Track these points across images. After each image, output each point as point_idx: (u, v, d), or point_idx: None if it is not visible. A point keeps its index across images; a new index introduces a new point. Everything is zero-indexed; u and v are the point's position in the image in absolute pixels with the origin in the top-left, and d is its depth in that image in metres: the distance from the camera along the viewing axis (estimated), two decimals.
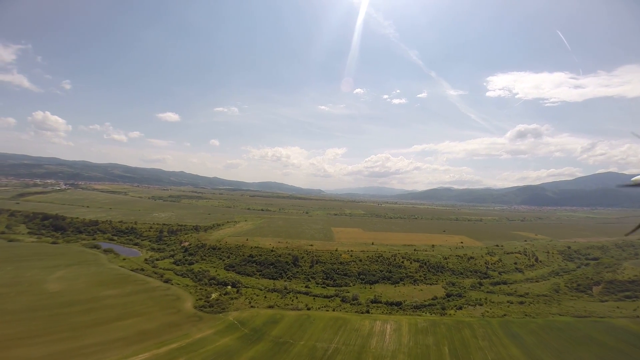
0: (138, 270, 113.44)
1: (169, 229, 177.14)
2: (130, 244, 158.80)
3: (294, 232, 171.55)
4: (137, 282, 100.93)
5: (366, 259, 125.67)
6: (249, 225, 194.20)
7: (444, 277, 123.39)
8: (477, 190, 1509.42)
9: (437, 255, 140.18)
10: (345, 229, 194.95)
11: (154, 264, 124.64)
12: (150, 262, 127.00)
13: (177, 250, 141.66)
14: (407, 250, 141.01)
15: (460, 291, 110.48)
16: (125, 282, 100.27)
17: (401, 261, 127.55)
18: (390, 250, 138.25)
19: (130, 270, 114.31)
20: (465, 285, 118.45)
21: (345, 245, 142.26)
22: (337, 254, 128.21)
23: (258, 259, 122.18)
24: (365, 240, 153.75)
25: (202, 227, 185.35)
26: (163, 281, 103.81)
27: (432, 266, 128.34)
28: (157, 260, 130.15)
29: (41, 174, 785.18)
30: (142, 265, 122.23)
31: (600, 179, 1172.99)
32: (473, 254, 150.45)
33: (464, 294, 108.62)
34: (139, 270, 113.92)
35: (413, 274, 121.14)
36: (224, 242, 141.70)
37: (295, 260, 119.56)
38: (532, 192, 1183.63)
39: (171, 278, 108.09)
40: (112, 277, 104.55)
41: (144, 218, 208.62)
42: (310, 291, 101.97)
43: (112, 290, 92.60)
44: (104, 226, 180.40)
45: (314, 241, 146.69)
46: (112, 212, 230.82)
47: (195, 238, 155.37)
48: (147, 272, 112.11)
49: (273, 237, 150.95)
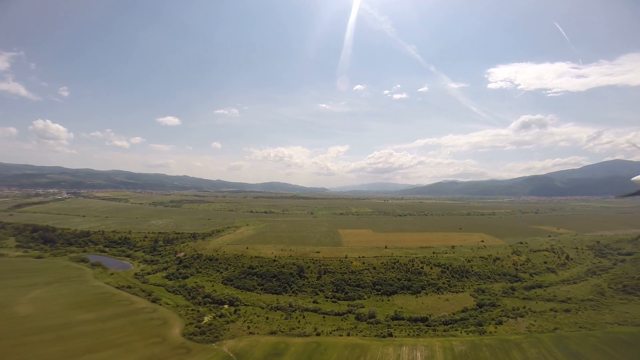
0: (124, 288, 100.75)
1: (165, 238, 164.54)
2: (122, 255, 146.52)
3: (299, 236, 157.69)
4: (120, 303, 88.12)
5: (381, 266, 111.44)
6: (250, 230, 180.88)
7: (470, 283, 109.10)
8: (482, 182, 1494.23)
9: (459, 257, 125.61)
10: (353, 230, 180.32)
11: (144, 279, 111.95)
12: (141, 277, 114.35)
13: (171, 262, 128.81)
14: (425, 253, 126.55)
15: (492, 299, 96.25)
16: (106, 304, 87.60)
17: (420, 267, 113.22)
18: (407, 254, 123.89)
19: (116, 287, 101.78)
20: (495, 291, 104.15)
21: (355, 250, 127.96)
22: (347, 261, 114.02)
23: (259, 270, 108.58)
24: (377, 244, 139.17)
25: (201, 234, 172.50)
26: (151, 301, 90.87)
27: (455, 271, 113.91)
28: (148, 275, 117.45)
29: (44, 184, 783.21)
30: (131, 281, 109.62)
31: (608, 167, 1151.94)
32: (498, 254, 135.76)
33: (497, 302, 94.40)
34: (125, 287, 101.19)
35: (435, 281, 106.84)
36: (222, 251, 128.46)
37: (301, 271, 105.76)
38: (539, 183, 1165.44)
39: (160, 296, 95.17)
40: (92, 297, 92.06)
41: (139, 226, 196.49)
42: (319, 308, 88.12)
43: (89, 314, 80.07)
44: (95, 237, 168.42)
45: (321, 247, 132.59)
46: (107, 221, 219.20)
47: (192, 247, 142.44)
48: (135, 290, 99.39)
49: (276, 244, 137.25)
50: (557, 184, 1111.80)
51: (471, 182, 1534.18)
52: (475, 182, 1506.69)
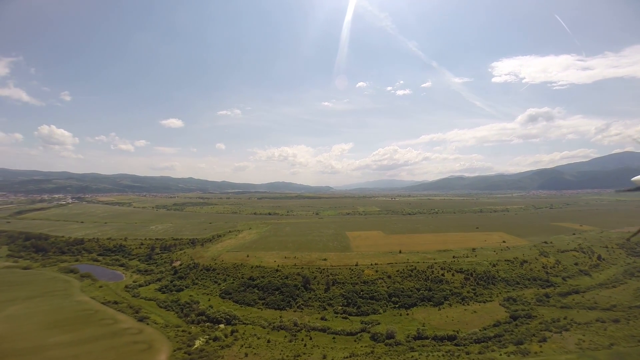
0: (110, 303, 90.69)
1: (162, 245, 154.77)
2: (116, 264, 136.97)
3: (304, 241, 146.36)
4: (102, 323, 77.96)
5: (396, 274, 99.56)
6: (252, 234, 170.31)
7: (498, 291, 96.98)
8: (489, 176, 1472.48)
9: (483, 261, 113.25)
10: (362, 232, 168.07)
11: (135, 292, 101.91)
12: (132, 290, 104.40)
13: (166, 272, 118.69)
14: (444, 257, 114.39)
15: (526, 309, 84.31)
16: (86, 323, 77.61)
17: (441, 274, 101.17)
18: (424, 259, 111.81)
19: (103, 302, 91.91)
20: (528, 299, 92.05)
21: (366, 256, 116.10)
22: (358, 269, 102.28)
23: (260, 282, 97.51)
24: (390, 248, 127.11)
25: (200, 240, 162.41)
26: (138, 319, 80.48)
27: (480, 277, 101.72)
28: (140, 287, 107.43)
29: (50, 189, 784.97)
30: (120, 295, 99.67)
31: (618, 159, 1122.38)
32: (524, 256, 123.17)
33: (532, 313, 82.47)
34: (111, 303, 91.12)
35: (459, 289, 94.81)
36: (221, 260, 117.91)
37: (307, 283, 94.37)
38: (549, 176, 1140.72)
39: (150, 313, 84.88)
40: (73, 315, 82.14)
41: (137, 232, 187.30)
42: (327, 326, 76.70)
43: (65, 335, 70.27)
44: (90, 245, 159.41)
45: (328, 253, 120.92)
46: (105, 227, 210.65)
47: (189, 255, 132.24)
48: (122, 306, 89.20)
49: (279, 251, 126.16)
50: (567, 177, 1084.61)
51: (478, 177, 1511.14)
52: (482, 177, 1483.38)
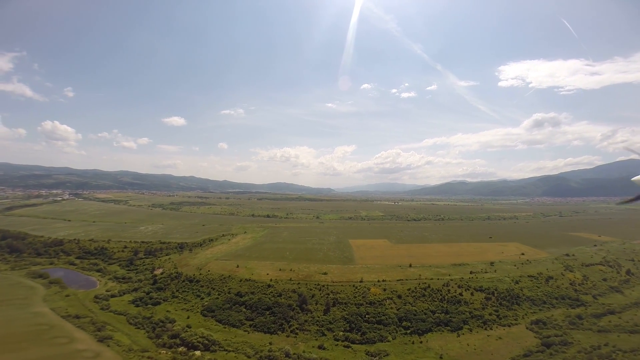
0: (71, 317, 78.05)
1: (147, 249, 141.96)
2: (93, 269, 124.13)
3: (302, 249, 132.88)
4: (55, 341, 65.18)
5: (407, 293, 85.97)
6: (247, 239, 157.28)
7: (524, 312, 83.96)
8: (493, 182, 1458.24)
9: (504, 277, 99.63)
10: (367, 241, 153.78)
11: (105, 304, 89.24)
12: (102, 300, 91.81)
13: (145, 281, 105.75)
14: (460, 273, 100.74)
15: (560, 334, 72.14)
16: (36, 340, 64.94)
17: (458, 292, 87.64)
18: (438, 275, 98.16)
19: (64, 315, 79.41)
20: (558, 321, 79.29)
21: (372, 270, 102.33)
22: (363, 287, 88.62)
23: (249, 299, 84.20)
24: (399, 260, 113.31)
25: (189, 244, 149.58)
26: (98, 339, 67.66)
27: (502, 296, 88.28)
28: (113, 297, 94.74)
29: (49, 184, 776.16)
30: (87, 307, 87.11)
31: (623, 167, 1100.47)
32: (548, 271, 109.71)
33: (567, 338, 70.41)
34: (72, 317, 78.38)
35: (479, 311, 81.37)
36: (207, 269, 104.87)
37: (303, 302, 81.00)
38: (553, 183, 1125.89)
39: (115, 332, 72.24)
40: (24, 330, 69.46)
41: (124, 233, 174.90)
42: (326, 357, 63.45)
43: (4, 356, 57.58)
44: (69, 246, 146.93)
45: (329, 265, 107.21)
46: (92, 226, 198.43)
47: (173, 263, 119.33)
48: (84, 321, 76.42)
49: (273, 261, 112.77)
50: (572, 184, 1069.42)
51: (481, 183, 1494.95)
52: (485, 183, 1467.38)
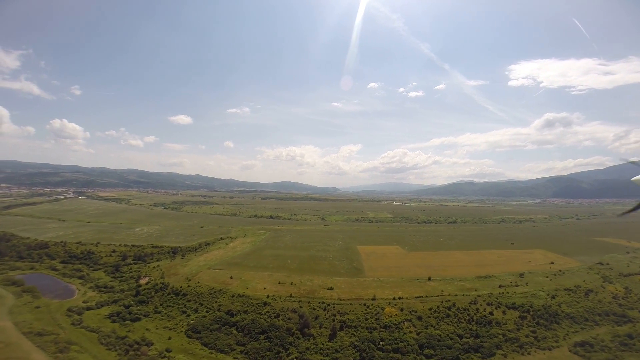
0: (33, 335, 66.91)
1: (137, 253, 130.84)
2: (75, 276, 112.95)
3: (305, 257, 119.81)
4: None
5: (429, 313, 72.53)
6: (245, 244, 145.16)
7: (564, 332, 70.42)
8: (501, 182, 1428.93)
9: (537, 291, 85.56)
10: (377, 248, 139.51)
11: (78, 318, 78.13)
12: (76, 313, 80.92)
13: (127, 292, 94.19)
14: (487, 287, 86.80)
15: (611, 358, 59.06)
16: None
17: (488, 311, 73.96)
18: (462, 290, 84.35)
19: (26, 332, 68.58)
20: (606, 342, 66.04)
21: (385, 284, 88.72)
22: (376, 306, 75.25)
23: (241, 319, 71.71)
24: (415, 272, 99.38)
25: (183, 248, 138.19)
26: None
27: (539, 314, 74.56)
28: (89, 310, 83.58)
29: (55, 182, 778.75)
30: (57, 321, 76.17)
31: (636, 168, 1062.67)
32: (585, 283, 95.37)
33: None
34: (35, 334, 67.15)
35: (514, 332, 67.92)
36: (197, 281, 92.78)
37: (305, 326, 68.16)
38: (564, 184, 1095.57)
39: (80, 353, 61.58)
40: None
41: (116, 236, 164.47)
42: None
43: None
44: (54, 250, 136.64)
45: (335, 278, 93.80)
46: (85, 227, 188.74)
47: (161, 271, 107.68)
48: (47, 339, 65.44)
49: (272, 271, 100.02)
50: (583, 185, 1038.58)
51: (489, 183, 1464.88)
52: (493, 183, 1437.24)
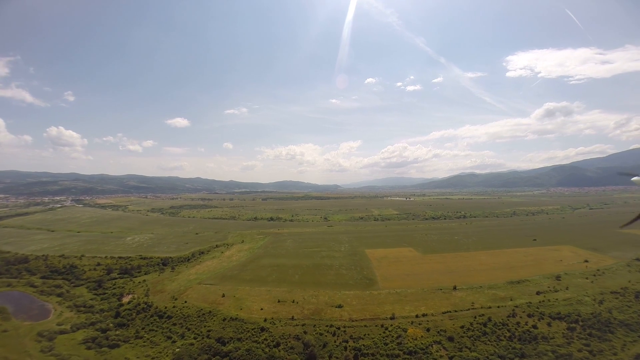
0: None
1: (124, 266, 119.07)
2: (54, 293, 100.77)
3: (308, 267, 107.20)
4: None
5: (461, 332, 60.06)
6: (243, 251, 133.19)
7: (621, 342, 58.58)
8: (503, 173, 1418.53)
9: (581, 296, 73.15)
10: (388, 251, 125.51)
11: (47, 345, 66.78)
12: (45, 338, 69.75)
13: (107, 313, 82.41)
14: (522, 294, 74.32)
15: None
16: None
17: (531, 324, 61.65)
18: (495, 299, 71.84)
19: None
20: None
21: (404, 297, 75.75)
22: (396, 327, 62.44)
23: (234, 349, 59.37)
24: (437, 279, 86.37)
25: (175, 259, 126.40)
26: None
27: (589, 323, 62.39)
28: (62, 334, 72.37)
29: (54, 191, 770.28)
30: (25, 347, 65.13)
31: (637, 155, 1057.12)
32: (631, 283, 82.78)
33: None
34: None
35: (565, 347, 55.95)
36: (184, 299, 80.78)
37: (311, 357, 55.81)
38: (567, 172, 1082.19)
39: None
40: None
41: (104, 247, 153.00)
42: None
43: None
44: (35, 264, 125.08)
45: (344, 292, 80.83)
46: (73, 238, 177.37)
47: (146, 287, 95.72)
48: None
49: (271, 286, 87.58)
50: (587, 173, 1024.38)
51: (491, 174, 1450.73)
52: (495, 174, 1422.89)
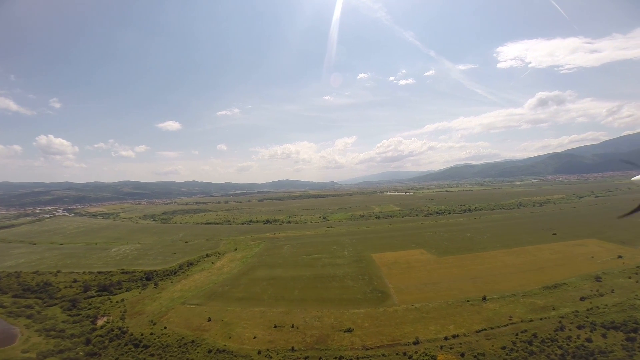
0: None
1: (103, 282, 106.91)
2: (23, 315, 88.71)
3: (308, 278, 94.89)
4: None
5: (502, 354, 48.03)
6: (235, 261, 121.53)
7: None
8: (499, 163, 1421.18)
9: (632, 300, 62.46)
10: (397, 255, 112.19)
11: None
12: None
13: (78, 338, 70.42)
14: (563, 300, 63.39)
15: None
16: None
17: (583, 338, 50.68)
18: (534, 309, 60.65)
19: None
20: None
21: (425, 313, 63.59)
22: (421, 353, 49.95)
23: None
24: (460, 287, 74.00)
25: (160, 272, 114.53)
26: None
27: None
28: None
29: (46, 201, 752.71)
30: None
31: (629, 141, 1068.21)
32: None
33: None
34: None
35: None
36: (164, 324, 69.07)
37: None
38: (563, 160, 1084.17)
39: None
40: None
41: (85, 260, 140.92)
42: None
43: None
44: (6, 282, 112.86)
45: (353, 310, 68.40)
46: (55, 251, 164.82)
47: (123, 308, 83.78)
48: None
49: (266, 306, 75.30)
50: (584, 160, 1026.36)
51: (487, 164, 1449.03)
52: (491, 164, 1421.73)
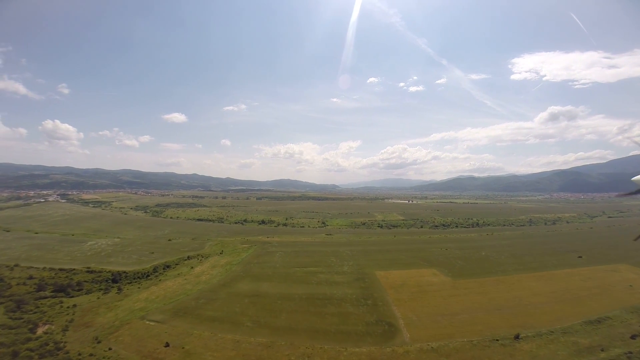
0: None
1: (62, 281, 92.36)
2: None
3: (300, 299, 78.85)
4: None
5: None
6: (218, 268, 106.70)
7: None
8: (503, 177, 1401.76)
9: None
10: (406, 274, 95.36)
11: None
12: None
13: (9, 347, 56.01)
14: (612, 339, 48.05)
15: None
16: None
17: None
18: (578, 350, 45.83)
19: None
20: None
21: (442, 356, 47.40)
22: None
23: None
24: (484, 321, 58.45)
25: (130, 274, 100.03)
26: None
27: None
28: None
29: (43, 185, 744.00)
30: None
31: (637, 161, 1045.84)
32: None
33: None
34: None
35: None
36: (109, 344, 54.27)
37: None
38: (569, 178, 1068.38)
39: None
40: None
41: (52, 253, 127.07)
42: None
43: None
44: None
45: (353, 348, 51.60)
46: (25, 240, 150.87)
47: (71, 316, 69.22)
48: None
49: (244, 333, 59.63)
50: (590, 179, 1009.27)
51: (490, 177, 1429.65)
52: (494, 177, 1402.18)
